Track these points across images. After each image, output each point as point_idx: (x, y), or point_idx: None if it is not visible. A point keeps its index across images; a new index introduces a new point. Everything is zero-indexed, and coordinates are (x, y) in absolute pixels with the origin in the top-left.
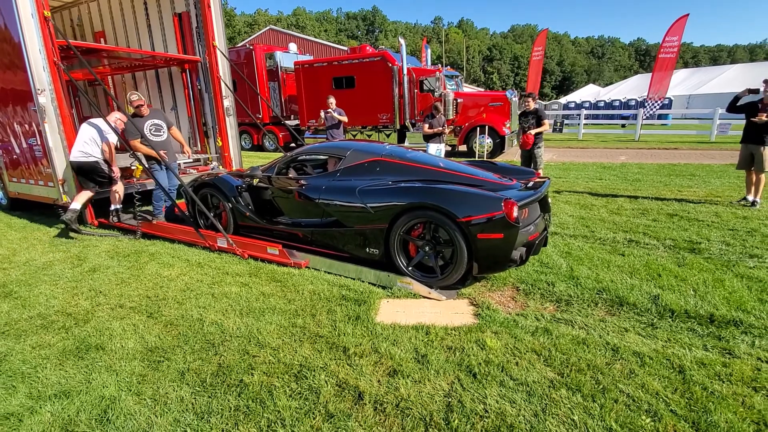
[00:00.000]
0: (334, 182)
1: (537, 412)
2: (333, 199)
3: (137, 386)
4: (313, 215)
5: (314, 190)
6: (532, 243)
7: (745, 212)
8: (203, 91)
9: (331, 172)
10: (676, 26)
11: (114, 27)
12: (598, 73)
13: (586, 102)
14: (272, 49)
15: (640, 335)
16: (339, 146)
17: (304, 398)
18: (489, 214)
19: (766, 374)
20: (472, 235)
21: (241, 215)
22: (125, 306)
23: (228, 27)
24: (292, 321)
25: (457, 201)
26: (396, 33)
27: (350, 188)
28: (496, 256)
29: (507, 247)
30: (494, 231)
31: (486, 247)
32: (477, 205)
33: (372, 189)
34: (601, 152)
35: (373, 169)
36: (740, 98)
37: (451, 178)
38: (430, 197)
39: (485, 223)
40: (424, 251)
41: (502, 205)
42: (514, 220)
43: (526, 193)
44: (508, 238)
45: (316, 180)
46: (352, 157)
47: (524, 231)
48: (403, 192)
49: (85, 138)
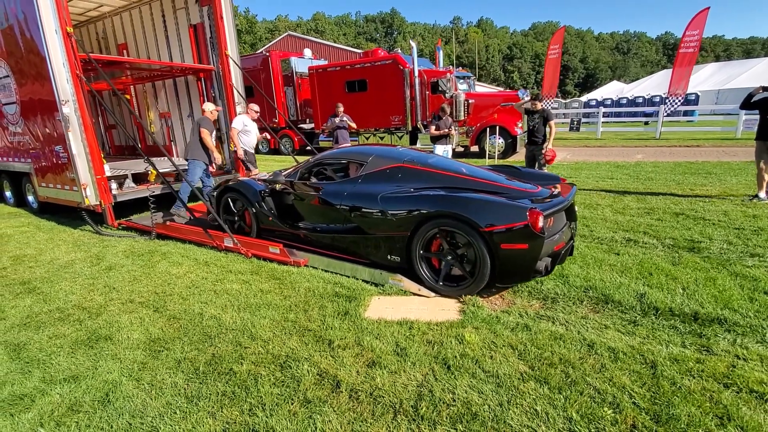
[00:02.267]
0: (356, 188)
1: (502, 402)
2: (354, 205)
3: (138, 373)
4: (335, 221)
5: (335, 196)
6: (558, 253)
7: (755, 211)
8: (217, 98)
9: (352, 178)
10: (697, 19)
11: (135, 39)
12: (623, 70)
13: (608, 99)
14: (287, 55)
15: (619, 332)
16: (360, 152)
17: (286, 386)
18: (513, 224)
19: (740, 371)
20: (495, 245)
21: (264, 219)
22: (135, 301)
23: (249, 34)
24: (285, 316)
25: (480, 210)
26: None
27: (372, 195)
28: (520, 267)
29: (532, 257)
30: (518, 241)
31: (509, 258)
32: (500, 214)
33: (394, 196)
34: (618, 151)
35: (394, 176)
36: (754, 95)
37: (474, 186)
38: (451, 206)
39: (509, 233)
40: (445, 260)
41: (527, 215)
42: (539, 231)
43: (552, 201)
44: (533, 248)
45: (337, 186)
46: (373, 163)
47: (550, 241)
48: (425, 200)
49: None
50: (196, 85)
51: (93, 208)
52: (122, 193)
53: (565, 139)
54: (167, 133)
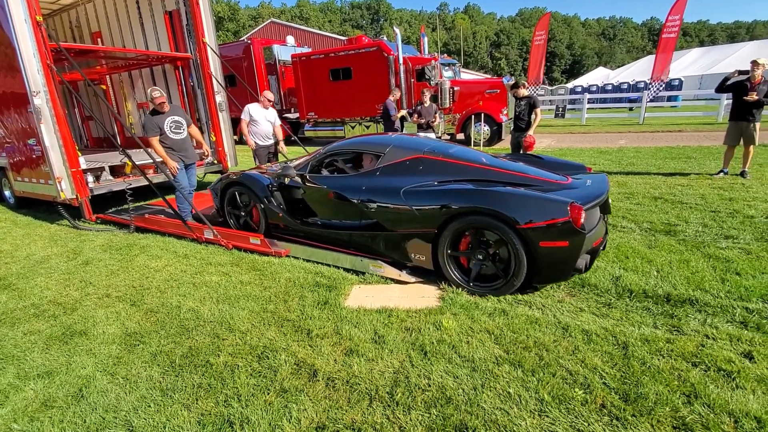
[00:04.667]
0: (375, 182)
1: (476, 386)
2: (374, 200)
3: (112, 367)
4: (352, 217)
5: (352, 190)
6: (597, 249)
7: (731, 194)
8: (196, 88)
9: (369, 171)
10: (678, 4)
11: (110, 27)
12: (609, 56)
13: (594, 86)
14: (270, 42)
15: (594, 314)
16: (377, 142)
17: (262, 376)
18: (553, 220)
19: (708, 350)
20: (533, 243)
21: (274, 215)
22: (111, 295)
23: (232, 21)
24: (264, 307)
25: (517, 205)
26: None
27: (394, 189)
28: (560, 266)
29: (572, 255)
30: (558, 238)
31: (548, 256)
32: (539, 209)
33: (418, 190)
34: (602, 137)
35: (415, 168)
36: (729, 79)
37: (502, 178)
38: (485, 201)
39: (548, 230)
40: (476, 259)
41: (568, 210)
42: (580, 226)
43: (590, 194)
44: (574, 245)
45: (353, 179)
46: (392, 154)
47: (589, 237)
48: (454, 194)
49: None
50: (174, 74)
51: (69, 202)
52: (99, 186)
53: (551, 126)
54: None
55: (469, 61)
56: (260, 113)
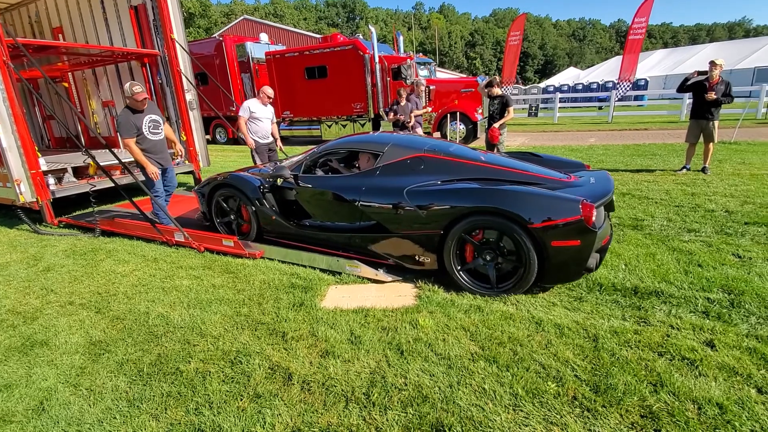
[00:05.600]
0: (375, 181)
1: (452, 384)
2: (376, 201)
3: (75, 378)
4: (351, 219)
5: (351, 191)
6: (605, 247)
7: (693, 189)
8: (164, 85)
9: (369, 170)
10: (644, 7)
11: (72, 22)
12: (579, 56)
13: (565, 85)
14: (243, 39)
15: (566, 308)
16: (375, 140)
17: (235, 382)
18: (565, 218)
19: (673, 340)
20: (544, 243)
21: (266, 218)
22: (75, 303)
23: (203, 18)
24: (238, 310)
25: (528, 204)
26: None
27: (396, 189)
28: (572, 265)
29: (584, 254)
30: (570, 237)
31: (560, 255)
32: (551, 208)
33: (423, 190)
34: (573, 135)
35: (416, 167)
36: (690, 79)
37: (507, 176)
38: (495, 200)
39: (560, 229)
40: (484, 260)
41: (580, 208)
42: (592, 225)
43: (599, 192)
44: (586, 244)
45: (352, 179)
46: (391, 153)
47: (599, 235)
48: (462, 194)
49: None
50: (141, 72)
51: (29, 206)
52: (61, 188)
53: (524, 124)
54: (112, 123)
55: (444, 60)
56: (262, 110)
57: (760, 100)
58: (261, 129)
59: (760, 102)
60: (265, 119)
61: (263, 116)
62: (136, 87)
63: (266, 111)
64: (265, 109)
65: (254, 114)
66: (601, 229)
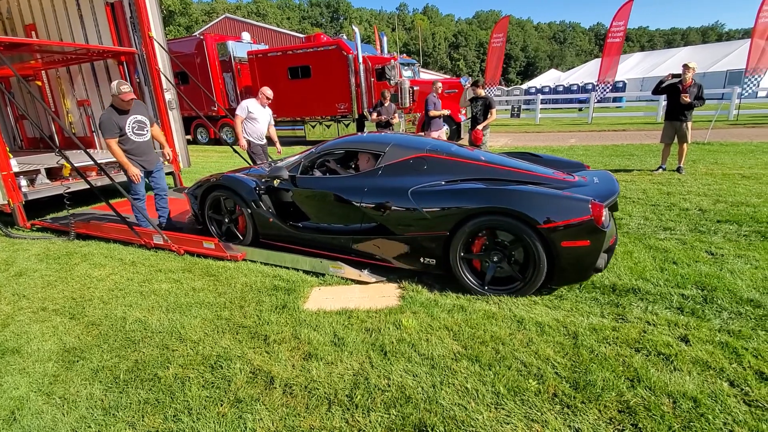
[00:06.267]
0: (378, 182)
1: (435, 384)
2: (379, 201)
3: (48, 387)
4: (353, 221)
5: (353, 192)
6: (613, 247)
7: (669, 188)
8: (143, 84)
9: (370, 171)
10: (622, 11)
11: (45, 19)
12: (560, 58)
13: (546, 87)
14: (224, 38)
15: (547, 307)
16: (375, 140)
17: (215, 387)
18: (575, 218)
19: (650, 336)
20: (554, 244)
21: (263, 221)
22: (48, 309)
23: (184, 16)
24: (219, 314)
25: (538, 204)
26: (361, 20)
27: (400, 189)
28: (582, 265)
29: (594, 254)
30: (580, 237)
31: (571, 256)
32: (561, 208)
33: (428, 191)
34: (554, 136)
35: (419, 167)
36: (664, 82)
37: (512, 176)
38: (504, 200)
39: (570, 229)
40: (491, 262)
41: (590, 208)
42: (601, 225)
43: (605, 192)
44: (595, 244)
45: (354, 180)
46: (392, 153)
47: (607, 235)
48: (470, 194)
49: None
50: (118, 70)
51: (0, 208)
52: (34, 190)
53: (507, 125)
54: (87, 123)
55: (428, 61)
56: (260, 111)
57: (732, 102)
58: (257, 130)
59: (731, 104)
60: (262, 120)
61: (260, 117)
62: (123, 86)
63: (264, 112)
64: (263, 111)
65: (252, 114)
66: (608, 229)
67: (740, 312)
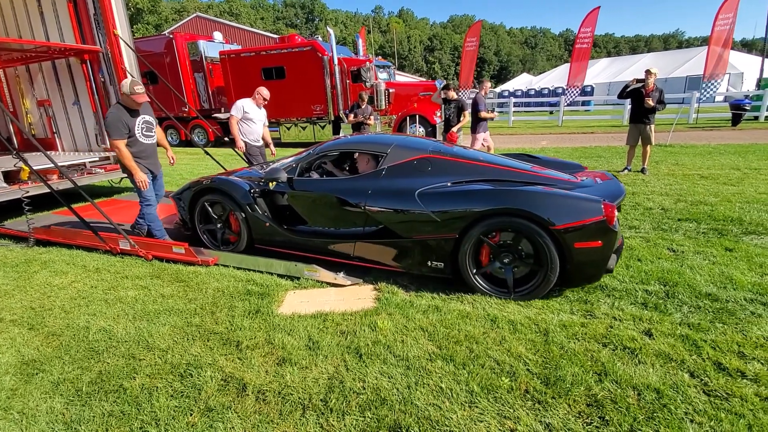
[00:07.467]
0: (381, 184)
1: (410, 384)
2: (384, 204)
3: (6, 401)
4: (355, 224)
5: (356, 194)
6: (620, 248)
7: (633, 188)
8: (107, 84)
9: (373, 173)
10: (589, 18)
11: (3, 15)
12: (532, 63)
13: (519, 90)
14: (195, 38)
15: (519, 305)
16: (377, 141)
17: (185, 396)
18: (588, 219)
19: (616, 331)
20: (567, 245)
21: (259, 226)
22: (5, 319)
23: (153, 14)
24: (189, 320)
25: (550, 205)
26: (336, 22)
27: (405, 191)
28: (594, 266)
29: (605, 255)
30: (593, 238)
31: (583, 257)
32: (574, 209)
33: (435, 192)
34: (527, 138)
35: (423, 168)
36: (629, 86)
37: (518, 177)
38: (516, 201)
39: (584, 230)
40: (502, 264)
41: (602, 209)
42: (613, 225)
43: (612, 192)
44: (607, 244)
45: (356, 182)
46: (395, 155)
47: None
48: (479, 195)
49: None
50: (81, 69)
51: None
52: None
53: None
54: (48, 124)
55: (404, 64)
56: (255, 111)
57: (691, 107)
58: (253, 131)
59: (691, 108)
60: (258, 121)
61: (256, 118)
62: (137, 86)
63: (260, 113)
64: (258, 111)
65: (247, 115)
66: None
67: (699, 306)
